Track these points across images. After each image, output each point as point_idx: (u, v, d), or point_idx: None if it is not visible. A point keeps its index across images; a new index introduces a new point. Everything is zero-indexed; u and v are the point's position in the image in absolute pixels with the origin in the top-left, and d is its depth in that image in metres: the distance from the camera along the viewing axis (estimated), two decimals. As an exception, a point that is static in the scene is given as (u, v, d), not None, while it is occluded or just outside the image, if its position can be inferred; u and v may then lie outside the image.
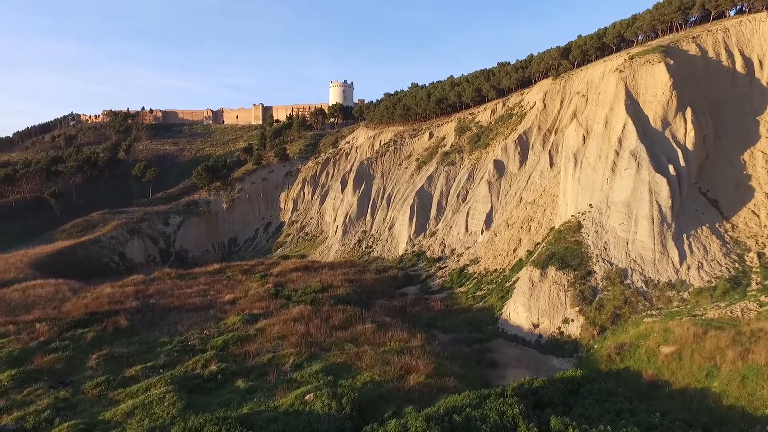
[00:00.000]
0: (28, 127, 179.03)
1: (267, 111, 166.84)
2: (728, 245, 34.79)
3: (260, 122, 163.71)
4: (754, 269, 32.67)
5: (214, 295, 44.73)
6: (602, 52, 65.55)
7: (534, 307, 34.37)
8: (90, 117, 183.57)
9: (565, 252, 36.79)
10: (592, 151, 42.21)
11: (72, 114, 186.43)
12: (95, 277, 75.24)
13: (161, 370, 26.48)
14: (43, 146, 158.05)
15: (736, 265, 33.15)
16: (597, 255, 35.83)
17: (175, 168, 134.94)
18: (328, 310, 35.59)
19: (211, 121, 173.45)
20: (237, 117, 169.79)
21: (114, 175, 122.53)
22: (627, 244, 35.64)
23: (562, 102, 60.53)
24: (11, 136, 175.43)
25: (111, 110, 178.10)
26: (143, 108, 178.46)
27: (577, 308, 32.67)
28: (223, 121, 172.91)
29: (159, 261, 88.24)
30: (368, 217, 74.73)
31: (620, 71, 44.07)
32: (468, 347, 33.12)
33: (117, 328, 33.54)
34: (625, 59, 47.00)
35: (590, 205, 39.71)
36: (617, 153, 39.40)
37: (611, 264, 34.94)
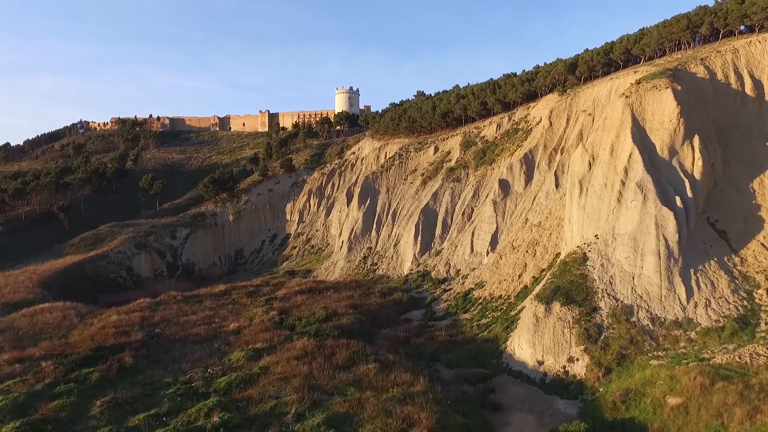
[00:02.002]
0: (38, 135, 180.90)
1: (273, 118, 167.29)
2: (737, 281, 34.23)
3: (266, 129, 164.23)
4: (763, 307, 32.10)
5: (218, 323, 44.93)
6: (609, 67, 64.83)
7: (538, 343, 34.06)
8: (99, 124, 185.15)
9: (570, 286, 36.41)
10: (597, 179, 41.72)
11: (81, 122, 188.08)
12: (103, 293, 76.26)
13: (164, 419, 26.56)
14: (53, 155, 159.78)
15: (745, 303, 32.59)
16: (602, 290, 35.42)
17: (182, 177, 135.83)
18: (331, 346, 35.49)
19: (217, 128, 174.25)
20: (243, 124, 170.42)
21: (122, 185, 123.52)
22: (633, 278, 35.19)
23: (568, 120, 59.94)
24: (22, 144, 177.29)
25: (119, 118, 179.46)
26: (151, 115, 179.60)
27: (582, 347, 32.31)
28: (230, 128, 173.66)
29: (166, 275, 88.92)
30: (373, 233, 74.63)
31: (626, 96, 43.48)
32: (472, 386, 32.94)
33: (122, 366, 33.71)
34: (631, 83, 46.37)
35: (596, 235, 39.24)
36: (623, 183, 38.90)
37: (617, 300, 34.52)
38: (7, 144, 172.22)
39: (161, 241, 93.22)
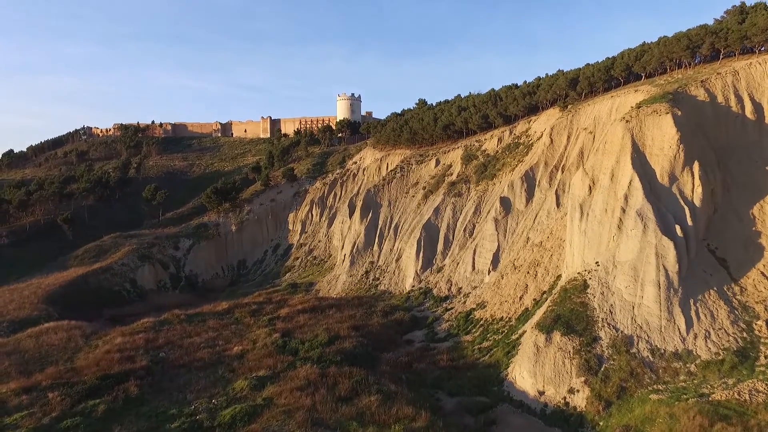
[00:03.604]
0: (41, 142, 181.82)
1: (275, 124, 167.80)
2: (736, 311, 34.46)
3: (268, 135, 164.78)
4: (762, 339, 32.34)
5: (222, 346, 45.29)
6: (609, 83, 64.98)
7: (539, 373, 34.36)
8: (101, 130, 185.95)
9: (571, 315, 36.69)
10: (598, 204, 41.96)
11: (84, 128, 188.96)
12: (108, 306, 76.87)
13: (170, 456, 26.95)
14: (56, 162, 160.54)
15: (744, 334, 32.83)
16: (603, 319, 35.69)
17: (184, 185, 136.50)
18: (334, 374, 35.83)
19: (219, 134, 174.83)
20: (245, 130, 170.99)
21: (125, 194, 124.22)
22: (633, 308, 35.45)
23: (569, 137, 60.15)
24: (25, 150, 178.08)
25: (122, 124, 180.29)
26: (153, 121, 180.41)
27: (583, 378, 32.60)
28: (232, 134, 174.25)
29: (169, 286, 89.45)
30: (375, 247, 74.98)
31: (627, 121, 43.69)
32: (473, 416, 33.28)
33: (127, 396, 34.14)
34: (632, 107, 46.57)
35: (597, 262, 39.50)
36: (623, 210, 39.13)
37: (617, 330, 34.80)
38: (11, 151, 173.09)
39: (164, 252, 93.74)
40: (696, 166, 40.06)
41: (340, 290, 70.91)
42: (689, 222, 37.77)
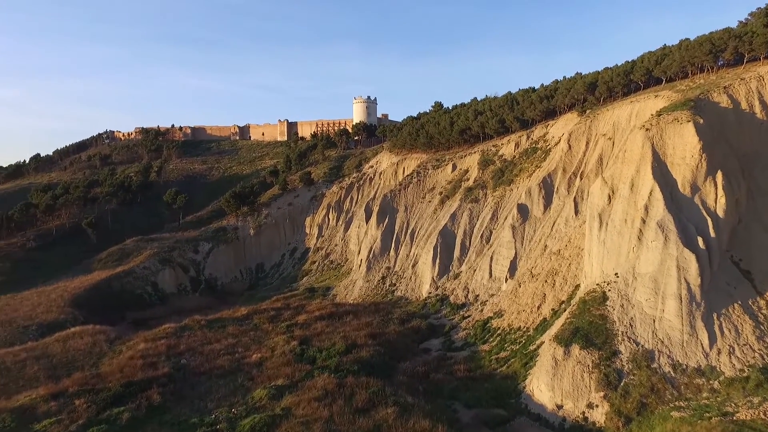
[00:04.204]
0: (66, 146, 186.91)
1: (292, 127, 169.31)
2: (762, 326, 33.71)
3: (285, 138, 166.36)
4: (788, 356, 31.57)
5: (241, 353, 46.07)
6: (629, 88, 63.98)
7: (557, 387, 34.14)
8: (123, 134, 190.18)
9: (590, 328, 36.34)
10: (617, 214, 41.43)
11: (107, 132, 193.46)
12: (130, 310, 78.70)
13: (192, 466, 27.59)
14: (80, 165, 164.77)
15: (770, 350, 32.09)
16: (623, 333, 35.27)
17: (204, 188, 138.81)
18: (351, 385, 36.16)
19: (237, 137, 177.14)
20: (263, 134, 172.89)
21: (146, 198, 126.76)
22: (654, 322, 34.95)
23: (587, 143, 59.46)
24: (51, 154, 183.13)
25: (143, 128, 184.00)
26: (173, 125, 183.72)
27: (602, 393, 32.29)
28: (250, 137, 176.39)
29: (190, 290, 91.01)
30: (392, 252, 75.15)
31: (647, 129, 43.01)
32: (491, 429, 33.25)
33: (150, 404, 35.03)
34: (652, 115, 45.83)
35: (616, 274, 39.02)
36: (644, 221, 38.58)
37: (637, 344, 34.35)
38: (38, 155, 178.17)
39: (184, 256, 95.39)
40: (719, 175, 39.27)
41: (356, 295, 71.29)
42: (712, 233, 37.05)
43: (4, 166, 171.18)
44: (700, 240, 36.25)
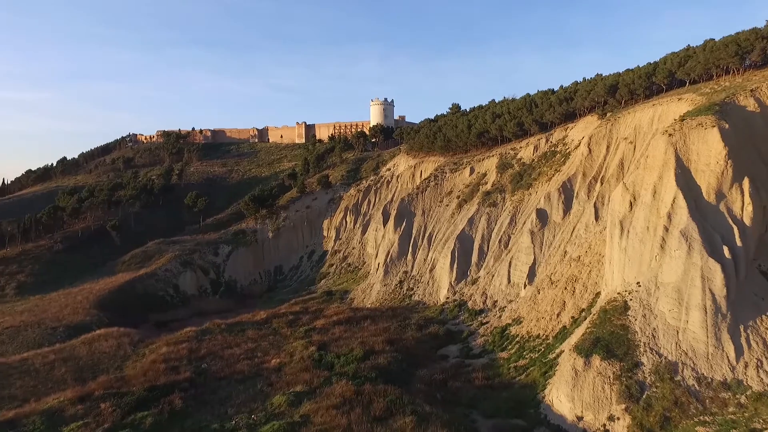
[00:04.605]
0: (91, 149, 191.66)
1: (310, 129, 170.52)
2: (790, 339, 32.73)
3: (303, 140, 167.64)
4: (819, 370, 30.62)
5: (261, 358, 46.71)
6: (651, 90, 62.72)
7: (577, 398, 33.73)
8: (145, 137, 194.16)
9: (611, 338, 35.80)
10: (639, 221, 40.71)
11: (130, 135, 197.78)
12: (153, 311, 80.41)
13: (213, 473, 28.10)
14: (105, 168, 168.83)
15: (800, 364, 31.17)
16: (645, 344, 34.66)
17: (224, 191, 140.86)
18: (369, 392, 36.32)
19: (256, 140, 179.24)
20: (281, 136, 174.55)
21: (168, 200, 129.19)
22: (677, 333, 34.25)
23: (608, 147, 58.51)
24: (77, 157, 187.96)
25: (164, 131, 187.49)
26: (193, 128, 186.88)
27: (623, 405, 31.81)
28: (268, 140, 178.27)
29: (210, 292, 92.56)
30: (409, 256, 75.14)
31: (670, 135, 42.13)
32: (509, 441, 33.05)
33: (172, 409, 35.77)
34: (675, 120, 44.88)
35: (638, 282, 38.35)
36: (666, 229, 37.83)
37: (660, 355, 33.71)
38: (64, 158, 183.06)
39: (205, 259, 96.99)
40: (746, 182, 38.27)
41: (374, 299, 71.51)
42: (738, 242, 36.13)
43: (33, 169, 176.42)
44: (725, 249, 35.38)
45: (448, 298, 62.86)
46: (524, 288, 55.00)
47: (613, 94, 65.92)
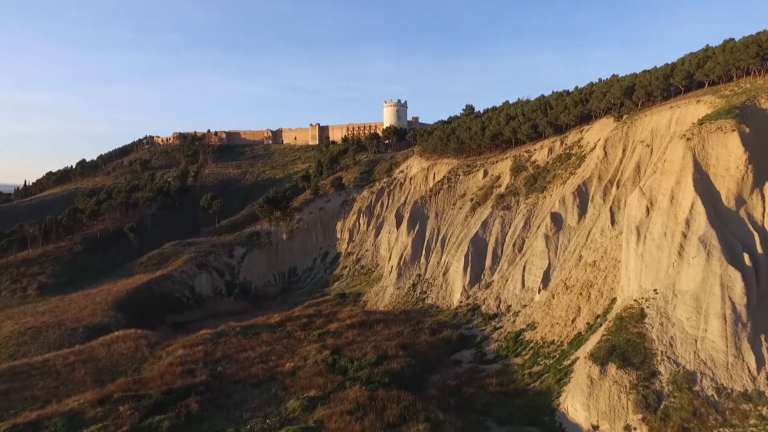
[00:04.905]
0: (109, 151, 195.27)
1: (323, 131, 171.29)
2: (814, 349, 31.96)
3: (317, 142, 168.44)
4: (844, 382, 29.86)
5: (275, 362, 47.08)
6: (668, 91, 61.71)
7: (593, 407, 33.38)
8: (162, 139, 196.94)
9: (627, 346, 35.36)
10: (656, 227, 40.11)
11: (147, 137, 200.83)
12: (169, 312, 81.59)
13: (228, 478, 28.45)
14: (122, 170, 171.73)
15: (823, 375, 30.43)
16: (662, 352, 34.15)
17: (238, 192, 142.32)
18: (383, 398, 36.40)
19: (270, 141, 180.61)
20: (295, 138, 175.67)
21: (184, 202, 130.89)
22: (696, 342, 33.68)
23: (624, 150, 57.78)
24: (96, 159, 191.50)
25: (180, 133, 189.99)
26: (209, 130, 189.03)
27: (640, 415, 31.39)
28: (282, 141, 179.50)
29: (225, 293, 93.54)
30: (422, 259, 75.07)
31: (688, 139, 41.43)
32: (523, 449, 32.86)
33: (189, 413, 36.28)
34: (693, 123, 44.11)
35: (655, 290, 37.79)
36: (684, 235, 37.21)
37: (678, 365, 33.19)
38: (83, 160, 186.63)
39: (220, 260, 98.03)
40: (767, 187, 37.45)
41: (387, 302, 71.59)
42: (759, 249, 35.38)
43: (54, 171, 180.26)
44: (746, 256, 34.68)
45: (461, 302, 62.67)
46: (539, 293, 54.58)
47: (629, 96, 65.02)
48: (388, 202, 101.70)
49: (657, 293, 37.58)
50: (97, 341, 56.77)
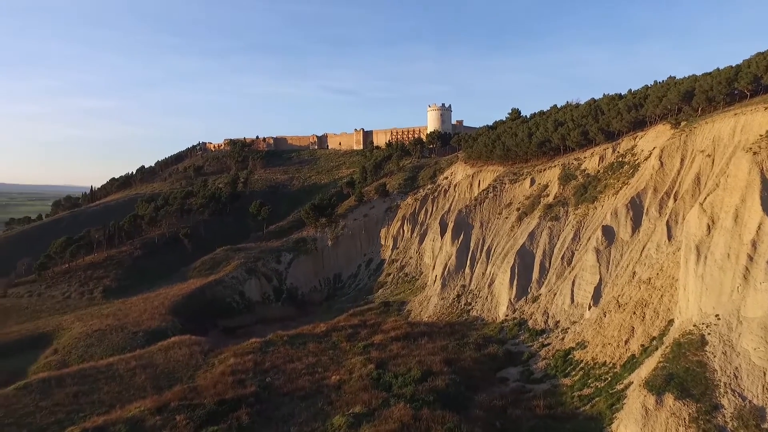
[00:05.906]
0: (165, 158, 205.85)
1: (368, 136, 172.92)
2: None
3: (361, 147, 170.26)
4: None
5: (321, 374, 48.11)
6: (732, 96, 57.93)
7: (648, 439, 31.91)
8: (214, 146, 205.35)
9: (686, 375, 33.55)
10: (718, 247, 37.80)
11: (200, 144, 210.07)
12: (221, 317, 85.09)
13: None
14: (178, 176, 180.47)
15: None
16: (725, 384, 32.16)
17: (285, 198, 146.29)
18: (427, 419, 36.42)
19: (316, 147, 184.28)
20: (340, 143, 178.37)
21: (234, 208, 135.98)
22: (765, 375, 31.46)
23: (682, 161, 54.78)
24: (153, 165, 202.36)
25: (231, 139, 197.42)
26: (257, 136, 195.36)
27: (700, 451, 29.72)
28: (327, 146, 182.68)
29: (273, 299, 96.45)
30: (467, 270, 74.27)
31: (755, 153, 38.78)
32: (572, 479, 31.91)
33: (240, 425, 37.75)
34: (760, 135, 41.20)
35: (717, 315, 35.64)
36: (750, 258, 34.86)
37: (744, 398, 31.15)
38: (143, 166, 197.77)
39: (268, 266, 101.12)
40: None
41: (431, 313, 71.37)
42: (837, 275, 32.62)
43: (116, 177, 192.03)
44: (821, 283, 32.08)
45: (507, 315, 61.53)
46: (589, 309, 52.73)
47: (688, 101, 61.56)
48: (432, 209, 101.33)
49: (719, 319, 35.43)
50: (155, 346, 60.16)
